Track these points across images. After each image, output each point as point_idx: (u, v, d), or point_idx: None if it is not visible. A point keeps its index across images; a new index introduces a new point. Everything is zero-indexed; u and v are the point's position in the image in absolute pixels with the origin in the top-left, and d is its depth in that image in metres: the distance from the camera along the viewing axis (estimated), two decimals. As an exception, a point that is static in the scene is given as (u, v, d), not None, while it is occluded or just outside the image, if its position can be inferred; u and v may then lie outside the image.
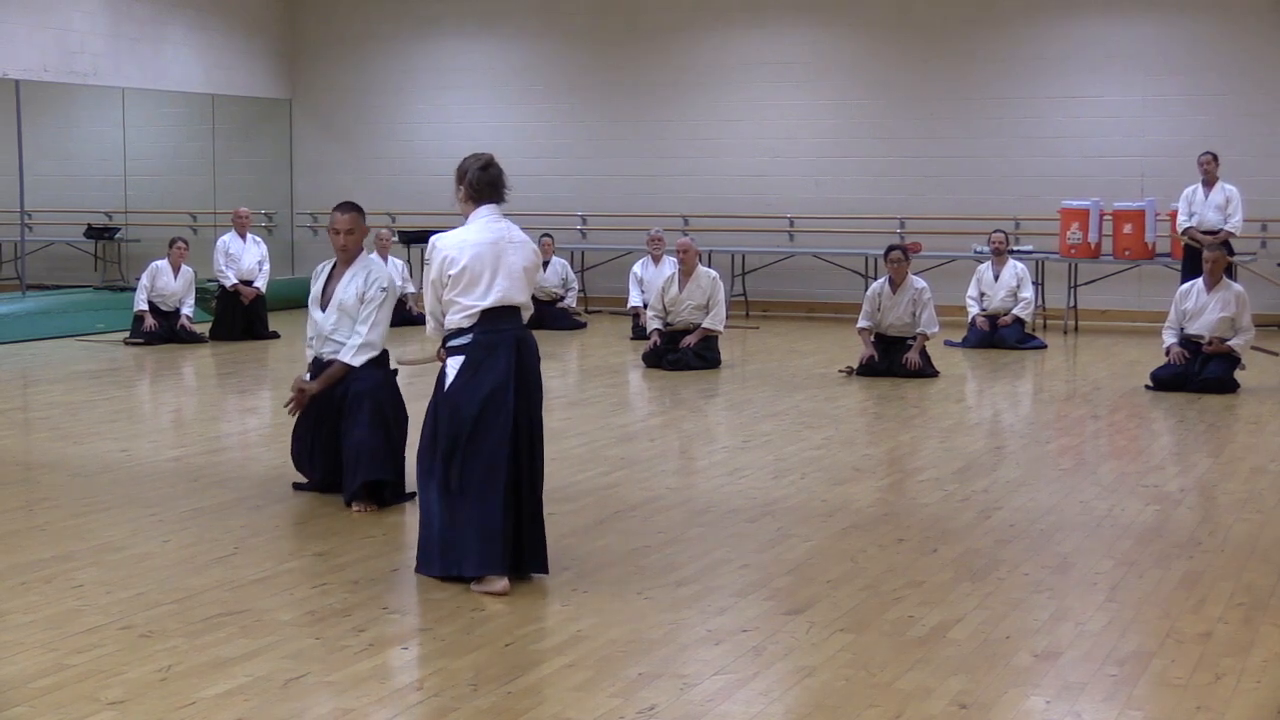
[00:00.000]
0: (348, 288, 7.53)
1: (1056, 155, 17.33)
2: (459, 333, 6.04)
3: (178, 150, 20.68)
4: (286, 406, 7.74)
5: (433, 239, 6.15)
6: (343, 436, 7.43)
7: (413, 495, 7.24)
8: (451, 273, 6.00)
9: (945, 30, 17.77)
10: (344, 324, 7.54)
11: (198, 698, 4.71)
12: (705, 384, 12.22)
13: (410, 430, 7.43)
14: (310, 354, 7.78)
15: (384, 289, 7.52)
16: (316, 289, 7.68)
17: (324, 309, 7.60)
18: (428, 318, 6.24)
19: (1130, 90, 17.12)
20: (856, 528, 7.12)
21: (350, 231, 7.54)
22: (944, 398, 11.63)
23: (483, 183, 6.13)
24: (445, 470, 5.98)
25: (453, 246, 6.03)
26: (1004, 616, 5.68)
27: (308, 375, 7.71)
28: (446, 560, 6.01)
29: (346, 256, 7.60)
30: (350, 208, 7.61)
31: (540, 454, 6.14)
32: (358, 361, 7.46)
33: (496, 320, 6.01)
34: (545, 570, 6.09)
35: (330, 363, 7.55)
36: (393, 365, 7.70)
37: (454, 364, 6.02)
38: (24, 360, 13.77)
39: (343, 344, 7.52)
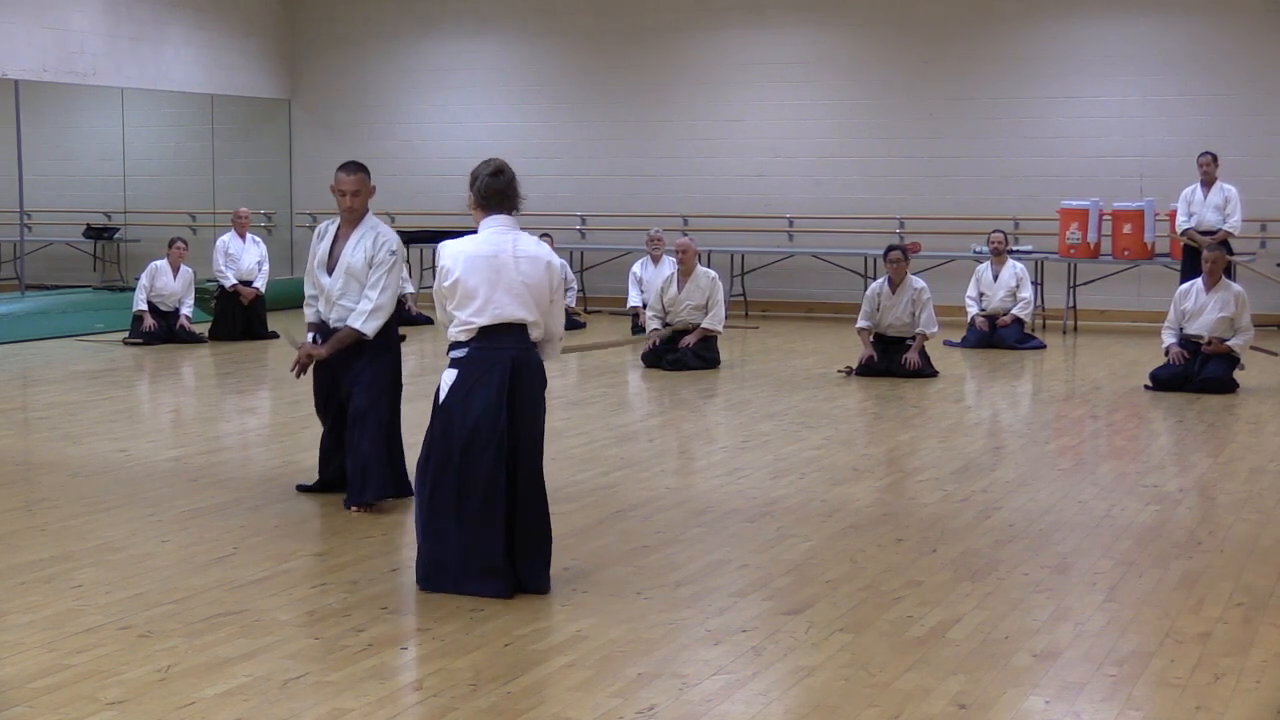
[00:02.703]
0: (355, 251, 7.31)
1: (1056, 155, 17.34)
2: (456, 345, 5.88)
3: (177, 150, 20.68)
4: (292, 370, 7.56)
5: (440, 245, 6.00)
6: (348, 446, 7.38)
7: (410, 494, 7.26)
8: (445, 284, 5.83)
9: (945, 30, 17.78)
10: (351, 288, 7.32)
11: (197, 698, 4.71)
12: (704, 384, 12.22)
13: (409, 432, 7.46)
14: (310, 313, 7.56)
15: (393, 252, 7.30)
16: (322, 250, 7.42)
17: (330, 272, 7.37)
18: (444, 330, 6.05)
19: (1129, 90, 17.13)
20: (856, 528, 7.12)
21: (356, 193, 7.31)
22: (943, 398, 11.63)
23: (490, 190, 5.89)
24: (442, 493, 5.84)
25: (450, 256, 5.85)
26: (1003, 616, 5.68)
27: (310, 336, 7.53)
28: (444, 581, 5.86)
29: (353, 217, 7.37)
30: (356, 168, 7.38)
31: (537, 475, 5.91)
32: (369, 328, 7.24)
33: (495, 337, 5.81)
34: (546, 591, 5.92)
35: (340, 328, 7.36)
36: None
37: (449, 377, 5.87)
38: (23, 360, 13.76)
39: (351, 308, 7.30)
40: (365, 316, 7.25)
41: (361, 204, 7.37)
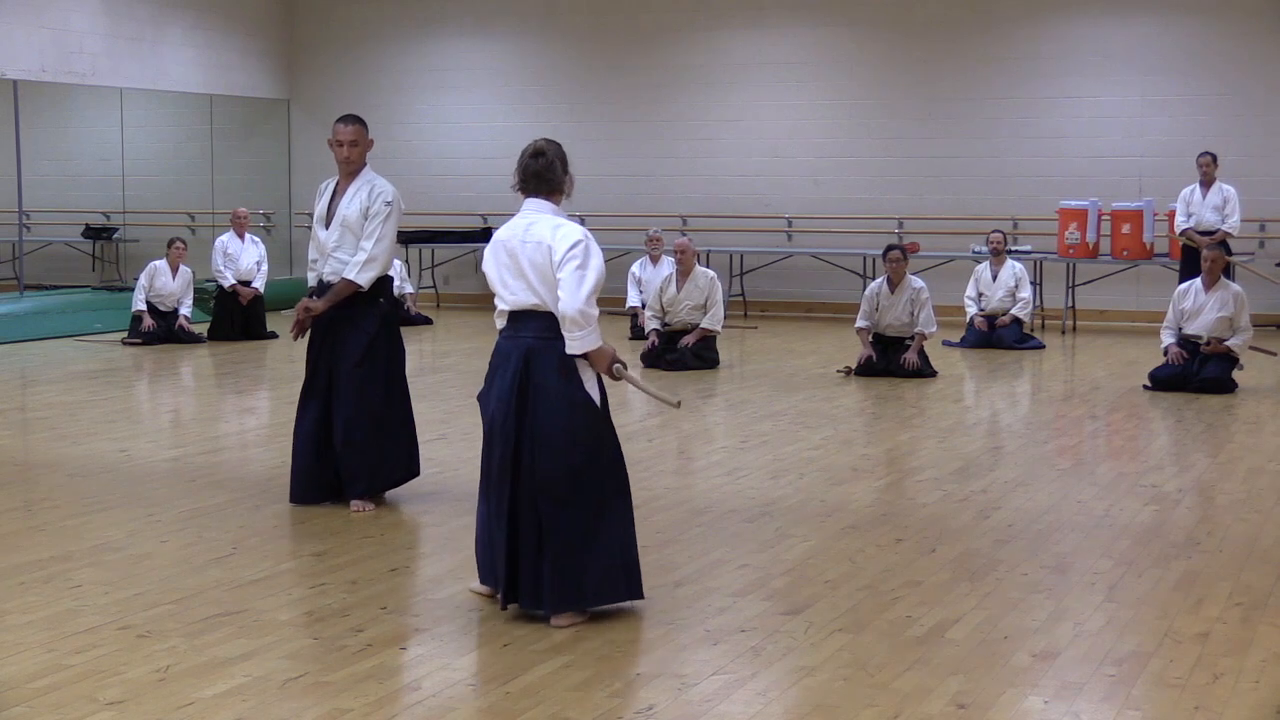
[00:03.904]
0: (351, 203, 7.29)
1: (1055, 155, 17.34)
2: (499, 332, 5.77)
3: (176, 150, 20.68)
4: (291, 332, 7.50)
5: None
6: (336, 439, 7.35)
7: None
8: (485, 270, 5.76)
9: (944, 30, 17.78)
10: (347, 240, 7.29)
11: (196, 698, 4.71)
12: (703, 384, 12.22)
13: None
14: (313, 277, 7.51)
15: (388, 203, 7.28)
16: (321, 206, 7.41)
17: (327, 226, 7.35)
18: None
19: (1128, 90, 17.14)
20: (855, 528, 7.12)
21: (354, 143, 7.29)
22: (942, 398, 11.63)
23: (528, 172, 5.68)
24: (481, 488, 5.78)
25: (490, 243, 5.75)
26: (1002, 616, 5.68)
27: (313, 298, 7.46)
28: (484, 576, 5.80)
29: (350, 169, 7.34)
30: (354, 119, 7.36)
31: (575, 476, 5.50)
32: (363, 279, 7.21)
33: (518, 325, 5.62)
34: (564, 609, 5.52)
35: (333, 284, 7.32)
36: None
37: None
38: (22, 360, 13.76)
39: (347, 261, 7.28)
40: (359, 267, 7.21)
41: (359, 155, 7.34)
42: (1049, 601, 5.89)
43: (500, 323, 5.72)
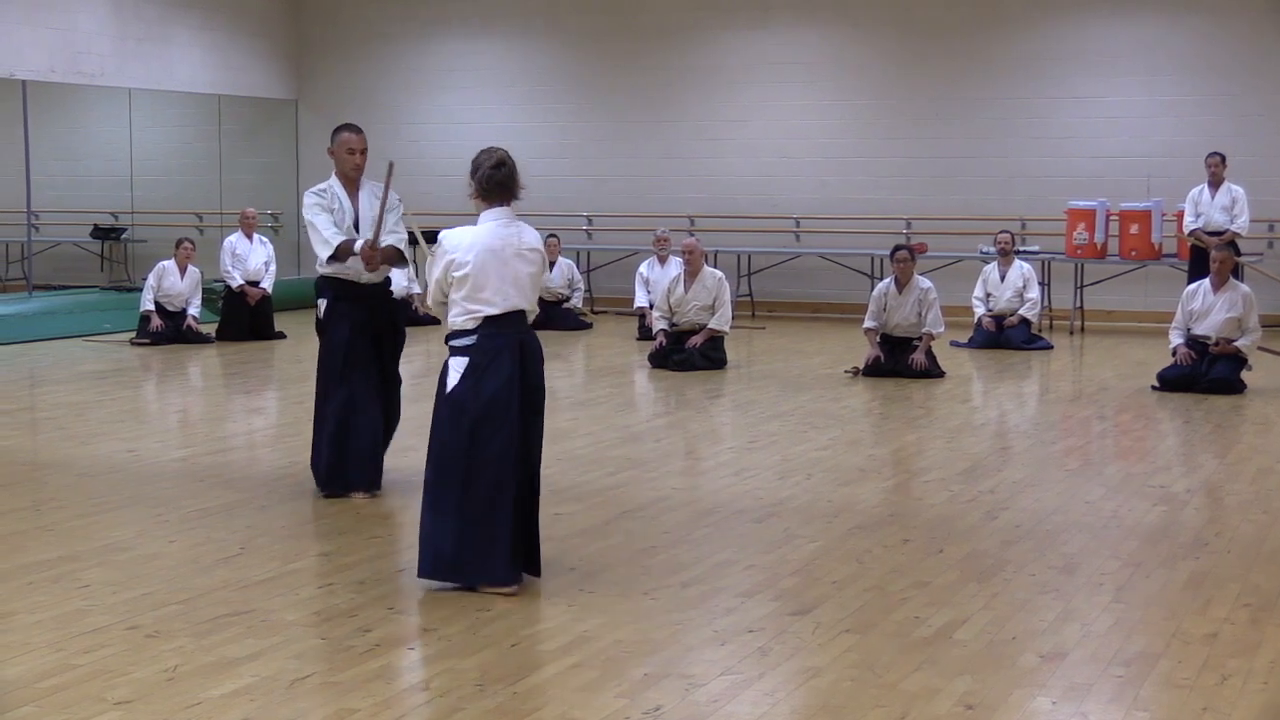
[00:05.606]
0: (373, 206, 7.67)
1: (1063, 156, 17.33)
2: (462, 333, 5.95)
3: (184, 151, 20.72)
4: (363, 252, 7.54)
5: (442, 234, 6.06)
6: (389, 414, 7.72)
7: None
8: (456, 275, 5.92)
9: (952, 31, 17.77)
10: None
11: (204, 697, 4.71)
12: (711, 384, 12.22)
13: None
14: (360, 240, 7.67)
15: (399, 199, 7.79)
16: (349, 211, 7.66)
17: (356, 228, 7.71)
18: (432, 306, 6.15)
19: (1137, 91, 17.12)
20: (862, 528, 7.12)
21: (364, 151, 7.72)
22: (950, 398, 11.62)
23: (493, 183, 6.03)
24: (449, 482, 5.89)
25: (462, 248, 5.92)
26: (1010, 617, 5.68)
27: (358, 242, 7.59)
28: (445, 570, 5.90)
29: (358, 175, 7.75)
30: (360, 128, 7.80)
31: (538, 458, 6.10)
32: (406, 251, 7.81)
33: (501, 324, 5.93)
34: (538, 574, 6.09)
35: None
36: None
37: (457, 365, 5.92)
38: (30, 360, 13.78)
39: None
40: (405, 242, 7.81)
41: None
42: (1057, 602, 5.89)
43: (471, 324, 5.94)
